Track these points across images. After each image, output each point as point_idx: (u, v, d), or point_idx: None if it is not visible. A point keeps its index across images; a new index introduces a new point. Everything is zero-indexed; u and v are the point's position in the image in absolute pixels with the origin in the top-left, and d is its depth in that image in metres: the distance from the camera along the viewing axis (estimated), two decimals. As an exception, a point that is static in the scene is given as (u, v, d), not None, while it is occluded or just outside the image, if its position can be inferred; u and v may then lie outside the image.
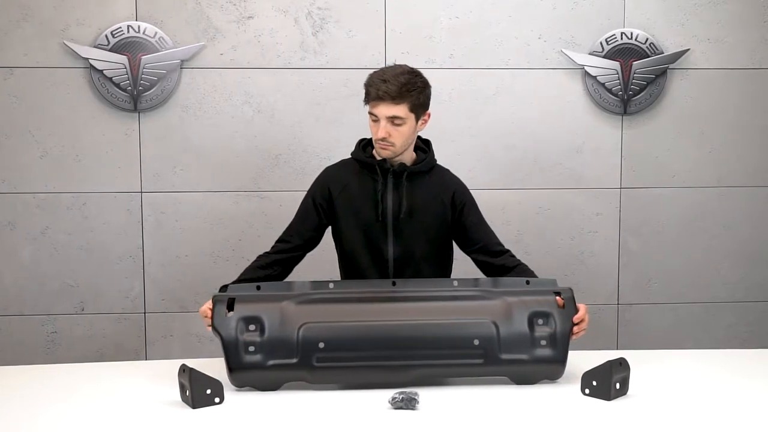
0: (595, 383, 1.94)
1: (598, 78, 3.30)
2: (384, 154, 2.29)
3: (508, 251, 2.40)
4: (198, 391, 1.88)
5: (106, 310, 3.26)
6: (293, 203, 2.48)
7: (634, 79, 3.31)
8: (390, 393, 1.87)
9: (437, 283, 2.20)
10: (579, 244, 3.39)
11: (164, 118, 3.21)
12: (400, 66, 2.29)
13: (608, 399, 1.91)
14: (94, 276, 3.25)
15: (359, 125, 2.69)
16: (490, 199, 3.27)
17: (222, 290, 2.16)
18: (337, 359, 2.00)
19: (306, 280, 2.16)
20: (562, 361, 2.05)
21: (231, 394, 1.97)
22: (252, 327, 2.02)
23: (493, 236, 2.42)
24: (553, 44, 3.30)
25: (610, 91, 3.31)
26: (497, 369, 2.04)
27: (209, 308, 2.08)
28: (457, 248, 2.46)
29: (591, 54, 3.30)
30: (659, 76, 3.33)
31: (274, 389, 2.01)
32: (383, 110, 2.22)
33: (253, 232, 3.26)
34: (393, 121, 2.23)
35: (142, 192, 3.23)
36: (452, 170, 2.47)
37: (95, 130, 3.19)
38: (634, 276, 3.43)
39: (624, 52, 3.31)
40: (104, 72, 3.14)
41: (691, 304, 3.45)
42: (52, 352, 3.24)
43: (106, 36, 3.13)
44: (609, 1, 3.30)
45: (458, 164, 2.67)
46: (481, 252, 2.39)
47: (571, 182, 3.36)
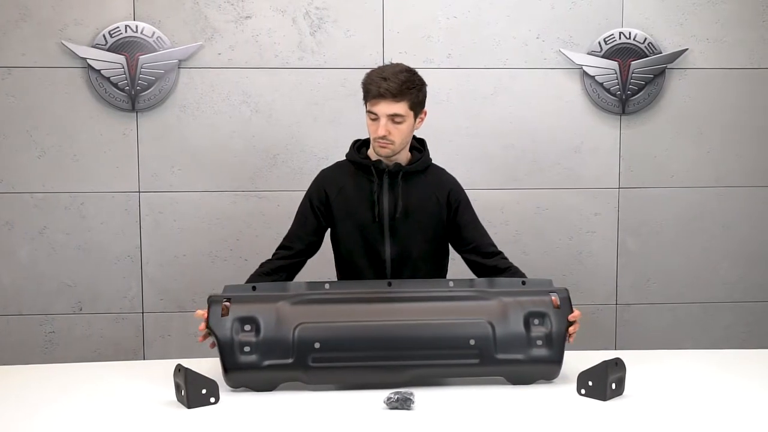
0: (590, 383, 1.93)
1: (596, 78, 3.30)
2: (383, 152, 2.28)
3: (500, 253, 2.40)
4: (193, 391, 1.87)
5: (104, 310, 3.26)
6: (291, 203, 2.48)
7: (632, 79, 3.31)
8: (385, 393, 1.87)
9: (433, 284, 2.20)
10: (577, 244, 3.38)
11: (162, 118, 3.21)
12: (397, 64, 2.29)
13: (604, 399, 1.91)
14: (92, 276, 3.25)
15: (357, 125, 2.69)
16: (489, 199, 3.28)
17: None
18: (333, 359, 1.99)
19: (301, 281, 2.16)
20: (558, 361, 2.04)
21: (226, 394, 1.97)
22: (247, 327, 2.01)
23: (487, 237, 2.42)
24: (552, 44, 3.30)
25: (608, 90, 3.31)
26: (493, 369, 2.03)
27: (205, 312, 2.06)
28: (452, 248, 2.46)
29: (589, 54, 3.29)
30: (657, 76, 3.32)
31: (270, 390, 2.00)
32: (384, 108, 2.22)
33: (251, 232, 3.26)
34: (393, 119, 2.23)
35: (140, 192, 3.23)
36: (450, 170, 2.47)
37: (93, 129, 3.19)
38: (633, 276, 3.42)
39: (622, 52, 3.30)
40: (102, 72, 3.14)
41: (689, 304, 3.45)
42: (49, 352, 3.24)
43: (104, 36, 3.14)
44: (607, 1, 3.29)
45: (456, 164, 2.68)
46: (473, 252, 2.38)
47: (569, 182, 3.36)
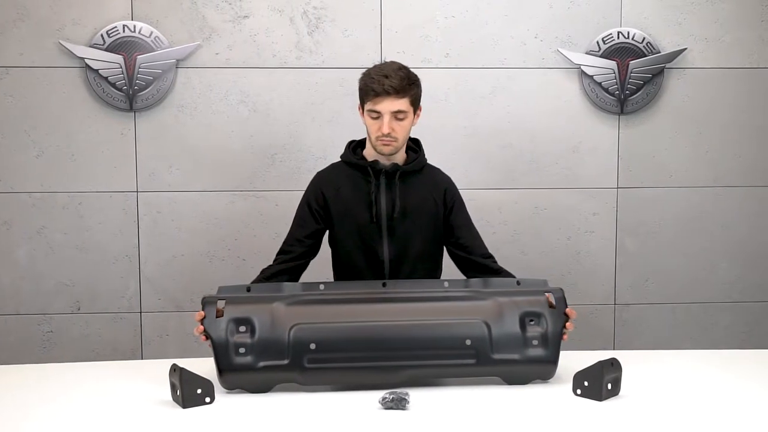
0: (586, 383, 1.93)
1: (594, 77, 3.29)
2: (386, 150, 2.28)
3: (491, 256, 2.40)
4: (188, 391, 1.87)
5: (102, 310, 3.26)
6: (289, 203, 2.47)
7: (630, 79, 3.30)
8: (381, 393, 1.87)
9: (428, 284, 2.20)
10: (575, 244, 3.38)
11: (160, 118, 3.21)
12: (392, 62, 2.30)
13: (600, 399, 1.90)
14: (90, 275, 3.25)
15: (355, 125, 2.69)
16: (487, 198, 3.28)
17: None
18: (329, 360, 1.99)
19: (296, 282, 2.15)
20: (554, 361, 2.04)
21: (222, 394, 1.97)
22: (242, 328, 2.01)
23: (479, 239, 2.42)
24: (550, 43, 3.29)
25: (606, 90, 3.30)
26: (489, 369, 2.03)
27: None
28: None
29: (587, 53, 3.29)
30: (656, 76, 3.32)
31: (265, 391, 2.00)
32: (387, 105, 2.22)
33: (249, 232, 3.26)
34: (396, 115, 2.23)
35: (137, 191, 3.23)
36: (448, 170, 2.47)
37: (91, 129, 3.19)
38: (631, 276, 3.42)
39: (621, 52, 3.29)
40: (100, 71, 3.14)
41: (688, 304, 3.44)
42: (48, 352, 3.24)
43: (102, 36, 3.14)
44: (605, 1, 3.29)
45: (454, 164, 2.68)
46: (463, 250, 2.38)
47: (567, 182, 3.35)
